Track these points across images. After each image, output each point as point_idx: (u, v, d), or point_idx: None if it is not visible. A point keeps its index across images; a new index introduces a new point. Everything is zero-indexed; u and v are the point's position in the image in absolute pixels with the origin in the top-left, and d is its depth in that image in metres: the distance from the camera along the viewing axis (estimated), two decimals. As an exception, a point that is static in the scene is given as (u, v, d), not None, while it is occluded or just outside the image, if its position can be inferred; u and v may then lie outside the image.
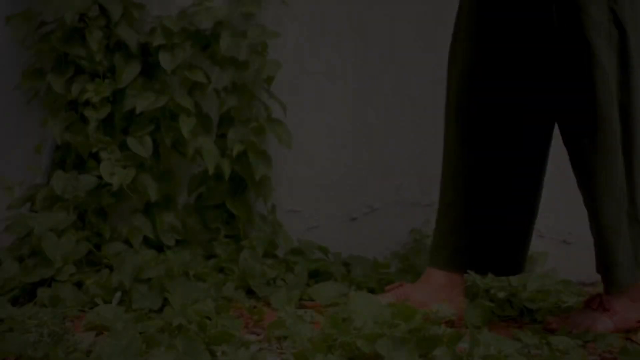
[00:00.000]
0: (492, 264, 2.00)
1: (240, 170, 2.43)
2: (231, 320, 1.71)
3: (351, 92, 2.57)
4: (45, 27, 2.51)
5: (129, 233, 2.38)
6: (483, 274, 2.04)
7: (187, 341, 1.32)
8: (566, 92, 1.83)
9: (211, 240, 2.45)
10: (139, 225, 2.40)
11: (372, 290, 2.13)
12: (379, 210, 2.57)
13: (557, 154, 2.39)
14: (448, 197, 1.99)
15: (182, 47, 2.43)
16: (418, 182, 2.57)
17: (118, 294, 1.58)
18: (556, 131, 1.96)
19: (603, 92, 1.76)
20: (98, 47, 2.34)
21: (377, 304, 1.70)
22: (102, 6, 2.39)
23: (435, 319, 1.67)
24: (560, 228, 2.44)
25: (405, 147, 2.57)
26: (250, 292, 2.19)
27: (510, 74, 1.90)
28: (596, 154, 1.80)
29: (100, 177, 2.38)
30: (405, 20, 2.59)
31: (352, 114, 2.57)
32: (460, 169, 1.96)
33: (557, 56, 1.81)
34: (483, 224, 1.96)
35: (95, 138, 2.35)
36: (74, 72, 2.43)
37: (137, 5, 2.44)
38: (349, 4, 2.58)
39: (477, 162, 1.94)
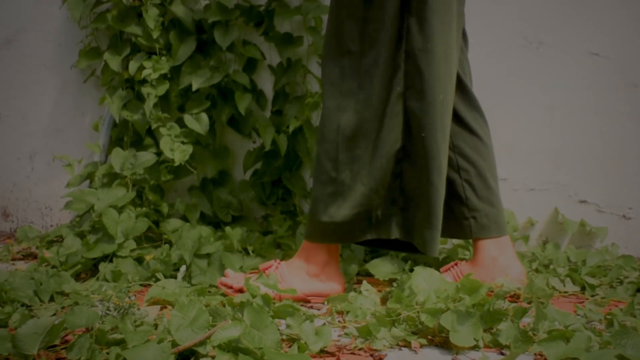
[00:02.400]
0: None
1: (296, 146, 2.43)
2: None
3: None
4: (101, 7, 2.54)
5: (186, 209, 2.40)
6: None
7: (254, 314, 1.32)
8: None
9: (267, 216, 2.46)
10: (196, 202, 2.43)
11: (429, 266, 2.12)
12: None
13: (611, 132, 2.35)
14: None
15: (236, 23, 2.44)
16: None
17: (183, 268, 1.59)
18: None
19: None
20: (155, 25, 2.35)
21: (439, 279, 1.69)
22: (157, -16, 2.40)
23: (500, 293, 1.66)
24: (620, 203, 2.40)
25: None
26: (308, 268, 2.19)
27: None
28: None
29: (157, 154, 2.40)
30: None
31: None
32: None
33: None
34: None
35: (153, 115, 2.37)
36: (130, 50, 2.45)
37: (191, -18, 2.45)
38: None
39: None
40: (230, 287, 1.82)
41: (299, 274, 1.86)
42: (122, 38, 2.49)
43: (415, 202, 1.80)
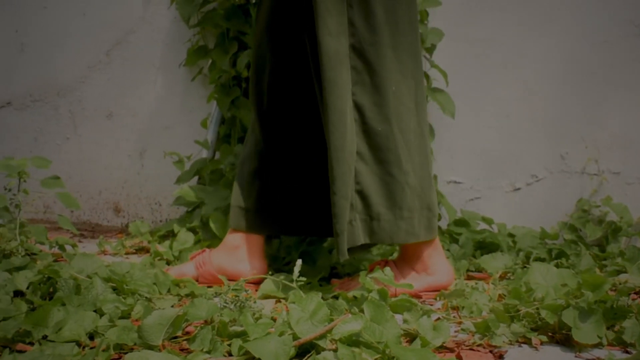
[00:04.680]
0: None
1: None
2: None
3: (513, 59, 2.49)
4: (208, 6, 2.58)
5: (293, 205, 2.41)
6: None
7: (374, 308, 1.32)
8: None
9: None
10: (302, 197, 2.43)
11: (542, 261, 2.07)
12: (544, 180, 2.49)
13: None
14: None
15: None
16: (585, 150, 2.46)
17: (299, 262, 1.60)
18: None
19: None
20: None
21: (557, 274, 1.65)
22: (263, -19, 2.42)
23: (623, 290, 1.60)
24: None
25: (570, 114, 2.47)
26: (416, 263, 2.17)
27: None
28: None
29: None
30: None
31: (514, 82, 2.49)
32: None
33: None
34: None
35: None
36: (237, 48, 2.49)
37: (296, -21, 2.46)
38: (509, -33, 2.50)
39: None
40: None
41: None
42: (229, 36, 2.52)
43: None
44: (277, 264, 2.08)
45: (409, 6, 1.77)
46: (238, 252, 1.95)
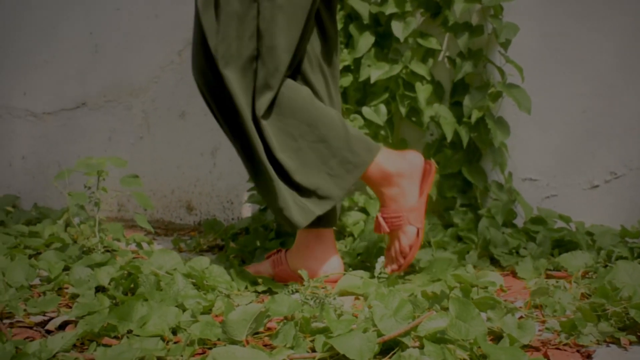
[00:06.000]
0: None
1: (477, 137, 2.38)
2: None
3: (589, 53, 2.43)
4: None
5: (365, 202, 2.41)
6: None
7: (460, 305, 1.30)
8: None
9: (447, 209, 2.43)
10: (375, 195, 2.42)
11: (624, 260, 2.02)
12: (623, 177, 2.42)
13: None
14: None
15: (413, 15, 2.42)
16: (666, 146, 2.39)
17: (381, 259, 1.59)
18: None
19: None
20: (338, 17, 2.37)
21: (644, 273, 1.60)
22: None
23: None
24: None
25: (651, 109, 2.40)
26: (493, 261, 2.14)
27: None
28: None
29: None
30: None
31: (591, 76, 2.43)
32: None
33: None
34: None
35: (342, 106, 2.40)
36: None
37: (367, -25, 2.45)
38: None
39: None
40: None
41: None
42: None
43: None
44: (354, 261, 2.07)
45: None
46: (313, 251, 1.95)
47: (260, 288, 1.85)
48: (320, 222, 1.92)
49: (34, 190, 3.31)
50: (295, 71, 1.91)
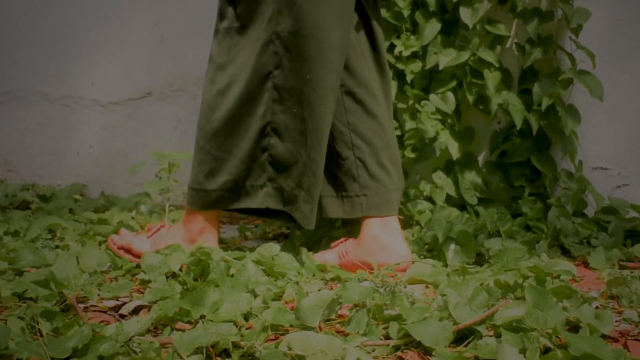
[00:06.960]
0: None
1: (546, 125, 2.34)
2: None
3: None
4: None
5: (431, 191, 2.39)
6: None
7: (537, 294, 1.28)
8: None
9: (515, 198, 2.39)
10: (441, 183, 2.40)
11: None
12: (698, 166, 2.35)
13: None
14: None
15: (481, 1, 2.38)
16: None
17: (452, 246, 1.57)
18: None
19: None
20: (404, 4, 2.35)
21: None
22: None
23: None
24: None
25: None
26: (563, 251, 2.10)
27: None
28: None
29: (399, 136, 2.40)
30: None
31: (665, 62, 2.36)
32: None
33: None
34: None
35: (410, 92, 2.38)
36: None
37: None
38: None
39: None
40: (120, 247, 1.99)
41: (176, 238, 1.97)
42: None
43: (285, 175, 1.90)
44: (421, 250, 2.05)
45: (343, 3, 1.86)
46: (379, 240, 1.94)
47: (328, 276, 1.85)
48: (372, 209, 1.95)
49: (100, 179, 3.37)
50: None
